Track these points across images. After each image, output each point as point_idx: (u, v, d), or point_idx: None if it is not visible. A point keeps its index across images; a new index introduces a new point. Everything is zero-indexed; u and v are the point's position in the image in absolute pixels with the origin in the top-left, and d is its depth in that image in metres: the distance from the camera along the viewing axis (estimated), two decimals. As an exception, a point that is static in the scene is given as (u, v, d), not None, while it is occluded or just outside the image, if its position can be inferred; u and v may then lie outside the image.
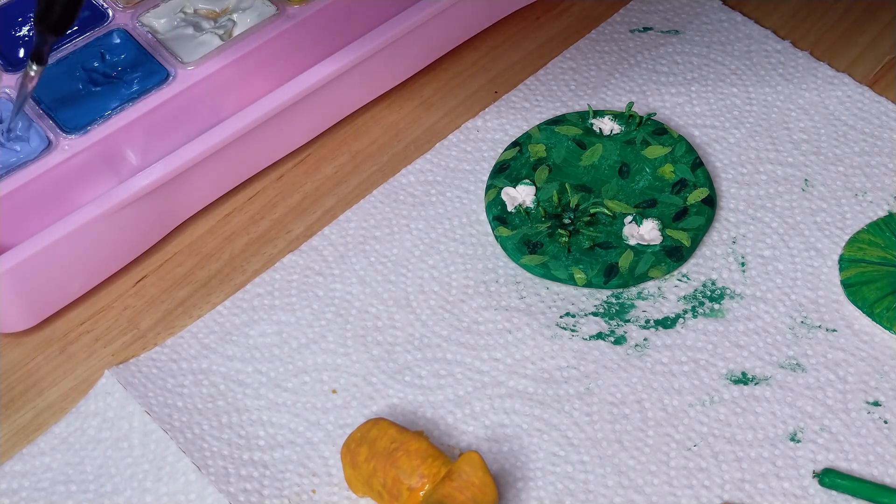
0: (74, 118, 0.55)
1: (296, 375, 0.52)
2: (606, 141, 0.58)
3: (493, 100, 0.62)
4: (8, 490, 0.49)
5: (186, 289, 0.56)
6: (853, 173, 0.57)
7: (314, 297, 0.54)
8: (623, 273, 0.53)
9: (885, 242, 0.54)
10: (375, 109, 0.62)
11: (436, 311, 0.54)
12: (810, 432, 0.49)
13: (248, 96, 0.57)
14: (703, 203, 0.56)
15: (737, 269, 0.54)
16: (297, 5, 0.58)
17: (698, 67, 0.62)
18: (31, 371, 0.53)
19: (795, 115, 0.59)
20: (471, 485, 0.44)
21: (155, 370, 0.52)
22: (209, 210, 0.59)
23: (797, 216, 0.56)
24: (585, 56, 0.63)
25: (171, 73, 0.56)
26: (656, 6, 0.65)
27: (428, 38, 0.62)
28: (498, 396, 0.51)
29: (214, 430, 0.50)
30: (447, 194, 0.58)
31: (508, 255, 0.55)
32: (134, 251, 0.56)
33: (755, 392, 0.50)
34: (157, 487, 0.49)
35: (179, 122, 0.56)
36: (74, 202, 0.54)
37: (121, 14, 0.59)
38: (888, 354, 0.51)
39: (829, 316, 0.52)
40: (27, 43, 0.58)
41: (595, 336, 0.52)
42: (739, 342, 0.52)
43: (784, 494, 0.47)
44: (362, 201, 0.58)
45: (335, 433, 0.50)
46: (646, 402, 0.50)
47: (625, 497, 0.48)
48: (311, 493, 0.48)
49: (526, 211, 0.55)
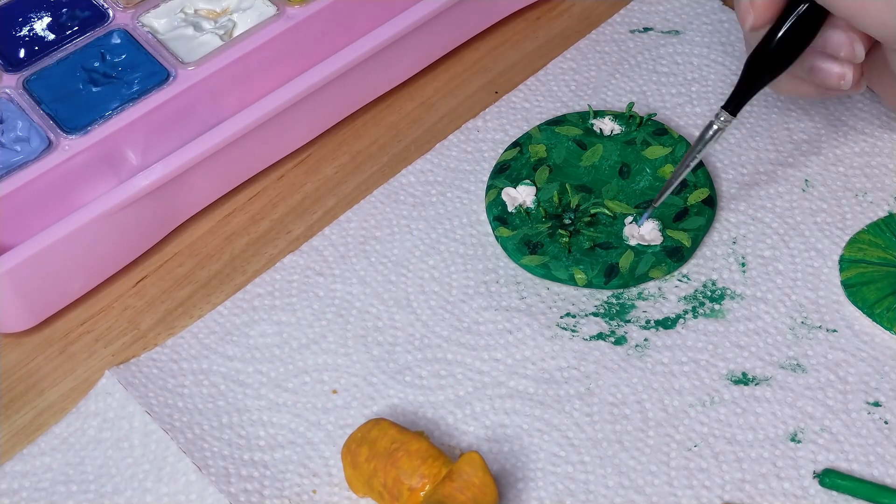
0: (74, 118, 0.55)
1: (296, 376, 0.52)
2: (607, 141, 0.58)
3: (493, 100, 0.62)
4: (8, 490, 0.49)
5: (187, 289, 0.56)
6: (853, 174, 0.57)
7: (315, 297, 0.54)
8: (623, 273, 0.53)
9: (885, 243, 0.54)
10: (376, 110, 0.62)
11: (436, 311, 0.54)
12: (811, 433, 0.49)
13: (249, 96, 0.57)
14: (704, 203, 0.56)
15: (737, 269, 0.54)
16: (297, 5, 0.58)
17: (699, 68, 0.62)
18: (32, 371, 0.53)
19: (795, 115, 0.59)
20: (471, 485, 0.44)
21: (155, 370, 0.52)
22: (209, 210, 0.59)
23: (797, 216, 0.56)
24: (586, 56, 0.63)
25: (172, 74, 0.56)
26: (656, 6, 0.65)
27: (428, 38, 0.62)
28: (498, 397, 0.51)
29: (215, 431, 0.50)
30: (448, 195, 0.58)
31: (509, 255, 0.55)
32: (134, 251, 0.56)
33: (755, 392, 0.50)
34: (157, 488, 0.49)
35: (180, 122, 0.56)
36: (74, 202, 0.54)
37: (121, 14, 0.58)
38: (888, 355, 0.51)
39: (829, 316, 0.52)
40: (27, 43, 0.58)
41: (595, 336, 0.52)
42: (740, 342, 0.52)
43: (784, 495, 0.47)
44: (363, 201, 0.58)
45: (336, 433, 0.50)
46: (646, 402, 0.50)
47: (625, 497, 0.48)
48: (312, 494, 0.48)
49: (526, 211, 0.55)
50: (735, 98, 0.49)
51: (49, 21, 0.58)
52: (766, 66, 0.48)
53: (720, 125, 0.50)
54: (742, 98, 0.49)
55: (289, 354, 0.53)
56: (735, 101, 0.49)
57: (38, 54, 0.57)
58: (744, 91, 0.49)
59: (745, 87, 0.49)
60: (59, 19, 0.58)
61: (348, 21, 0.59)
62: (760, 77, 0.48)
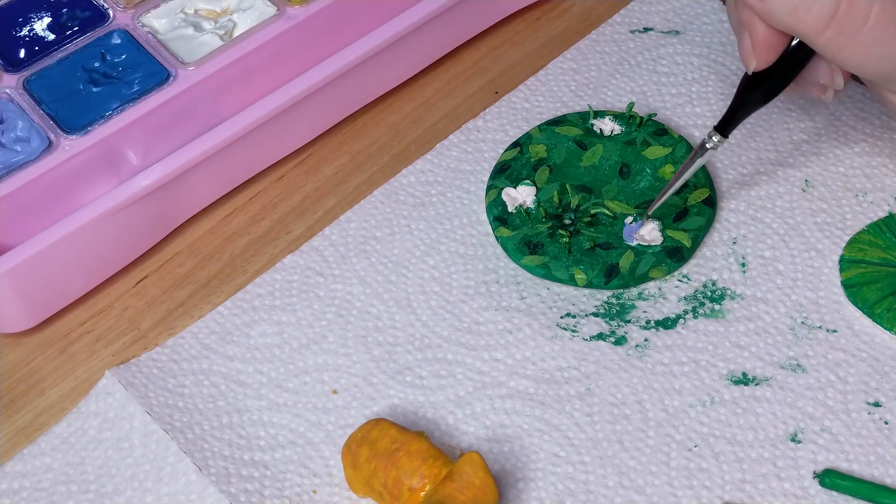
0: (75, 118, 0.55)
1: (296, 376, 0.52)
2: (607, 141, 0.58)
3: (493, 100, 0.62)
4: (9, 490, 0.49)
5: (187, 289, 0.56)
6: (853, 174, 0.57)
7: (315, 297, 0.54)
8: (623, 273, 0.53)
9: (885, 243, 0.54)
10: (376, 110, 0.62)
11: (436, 311, 0.54)
12: (811, 433, 0.49)
13: (249, 96, 0.57)
14: (704, 203, 0.56)
15: (737, 269, 0.54)
16: (297, 6, 0.58)
17: (698, 68, 0.62)
18: (32, 371, 0.53)
19: (795, 115, 0.60)
20: (472, 485, 0.44)
21: (156, 370, 0.52)
22: (210, 210, 0.59)
23: (797, 217, 0.56)
24: (586, 57, 0.63)
25: (172, 74, 0.56)
26: (656, 6, 0.65)
27: (428, 38, 0.62)
28: (499, 397, 0.51)
29: (215, 431, 0.50)
30: (448, 195, 0.58)
31: (509, 255, 0.55)
32: (134, 251, 0.56)
33: (756, 392, 0.50)
34: (157, 488, 0.49)
35: (180, 122, 0.56)
36: (75, 202, 0.54)
37: (121, 14, 0.59)
38: (888, 355, 0.51)
39: (829, 317, 0.52)
40: (27, 43, 0.58)
41: (596, 336, 0.52)
42: (740, 343, 0.52)
43: (784, 495, 0.47)
44: (363, 202, 0.58)
45: (336, 433, 0.50)
46: (646, 402, 0.50)
47: (625, 497, 0.48)
48: (312, 494, 0.48)
49: (526, 211, 0.55)
50: (727, 120, 0.51)
51: (49, 21, 0.58)
52: (758, 93, 0.49)
53: (712, 145, 0.51)
54: (734, 121, 0.51)
55: (289, 354, 0.53)
56: (726, 123, 0.51)
57: (38, 54, 0.57)
58: (736, 114, 0.50)
59: (737, 111, 0.50)
60: (59, 19, 0.59)
61: (348, 21, 0.59)
62: (753, 102, 0.50)
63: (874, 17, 0.45)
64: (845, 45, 0.45)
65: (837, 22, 0.45)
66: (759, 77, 0.49)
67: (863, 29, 0.45)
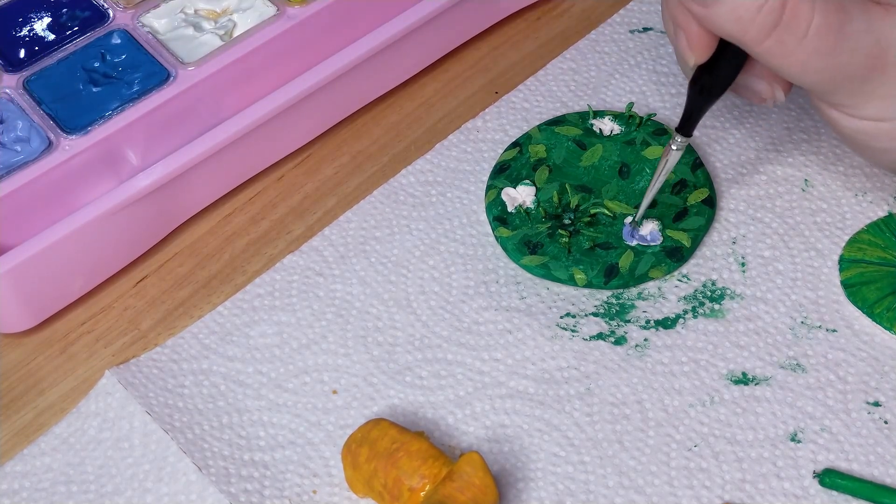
0: (75, 118, 0.55)
1: (296, 376, 0.52)
2: (606, 141, 0.58)
3: (493, 100, 0.62)
4: (9, 490, 0.49)
5: (187, 289, 0.56)
6: (853, 173, 0.57)
7: (314, 297, 0.54)
8: (623, 273, 0.53)
9: (885, 243, 0.54)
10: (376, 110, 0.62)
11: (436, 311, 0.54)
12: (811, 432, 0.49)
13: (249, 97, 0.57)
14: (703, 203, 0.56)
15: (737, 269, 0.54)
16: (297, 6, 0.58)
17: (698, 68, 0.62)
18: (32, 371, 0.53)
19: (795, 115, 0.60)
20: (472, 485, 0.44)
21: (155, 370, 0.52)
22: (209, 210, 0.59)
23: (797, 216, 0.56)
24: (585, 56, 0.63)
25: (172, 74, 0.56)
26: (656, 6, 0.65)
27: (428, 38, 0.62)
28: (498, 397, 0.51)
29: (215, 431, 0.50)
30: (447, 195, 0.58)
31: (509, 255, 0.55)
32: (134, 251, 0.56)
33: (755, 392, 0.50)
34: (157, 488, 0.49)
35: (180, 122, 0.56)
36: (75, 202, 0.54)
37: (121, 14, 0.59)
38: (888, 355, 0.51)
39: (829, 316, 0.52)
40: (27, 43, 0.58)
41: (595, 336, 0.52)
42: (740, 342, 0.52)
43: (784, 495, 0.47)
44: (363, 202, 0.58)
45: (336, 434, 0.50)
46: (646, 402, 0.50)
47: (626, 497, 0.48)
48: (312, 494, 0.49)
49: (526, 211, 0.55)
50: (685, 121, 0.51)
51: (49, 21, 0.58)
52: (704, 93, 0.50)
53: (678, 146, 0.52)
54: (691, 121, 0.51)
55: (289, 355, 0.53)
56: (685, 123, 0.51)
57: (38, 54, 0.57)
58: (692, 115, 0.51)
59: (692, 111, 0.51)
60: (59, 19, 0.59)
61: (348, 21, 0.59)
62: (701, 102, 0.51)
63: (814, 28, 0.45)
64: (785, 55, 0.46)
65: (779, 32, 0.45)
66: (703, 73, 0.50)
67: (803, 40, 0.45)
